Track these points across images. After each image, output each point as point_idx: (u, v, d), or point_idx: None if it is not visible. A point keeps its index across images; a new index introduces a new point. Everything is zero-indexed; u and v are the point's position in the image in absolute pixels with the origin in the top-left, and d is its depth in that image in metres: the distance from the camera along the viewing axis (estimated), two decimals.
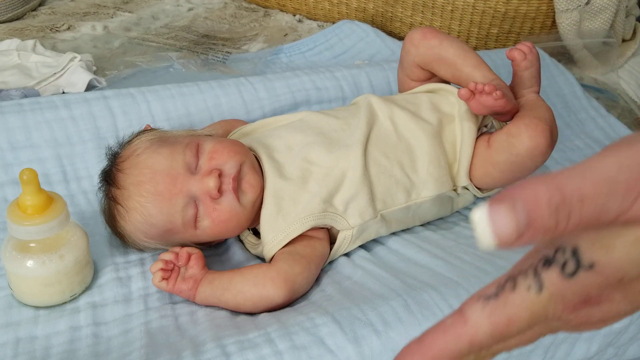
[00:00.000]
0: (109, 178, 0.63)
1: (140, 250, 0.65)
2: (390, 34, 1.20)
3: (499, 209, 0.22)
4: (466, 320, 0.26)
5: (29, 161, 0.72)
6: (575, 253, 0.24)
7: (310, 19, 1.31)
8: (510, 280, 0.26)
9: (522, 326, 0.25)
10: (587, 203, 0.23)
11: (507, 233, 0.22)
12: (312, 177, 0.64)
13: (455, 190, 0.70)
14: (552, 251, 0.25)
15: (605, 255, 0.24)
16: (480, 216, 0.23)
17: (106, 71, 1.02)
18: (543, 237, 0.23)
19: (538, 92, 0.72)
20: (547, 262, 0.25)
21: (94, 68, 1.00)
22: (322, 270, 0.64)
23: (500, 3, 1.10)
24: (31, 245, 0.56)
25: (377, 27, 1.19)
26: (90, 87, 0.93)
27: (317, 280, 0.63)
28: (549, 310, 0.25)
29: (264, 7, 1.36)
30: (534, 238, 0.23)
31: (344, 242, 0.64)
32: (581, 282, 0.24)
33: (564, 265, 0.25)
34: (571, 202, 0.23)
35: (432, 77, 0.76)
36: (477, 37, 1.16)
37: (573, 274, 0.24)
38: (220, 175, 0.61)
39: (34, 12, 1.26)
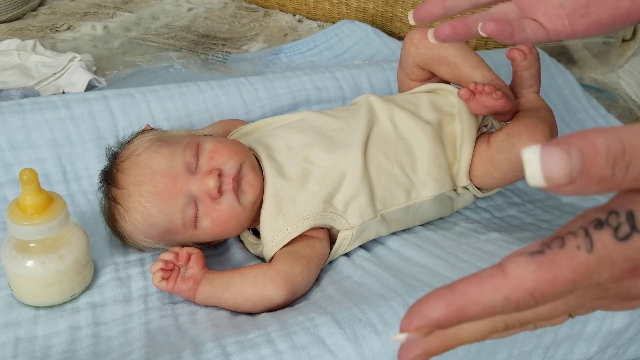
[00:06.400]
0: (109, 178, 0.63)
1: (140, 250, 0.65)
2: (390, 34, 1.20)
3: (553, 151, 0.21)
4: (506, 274, 0.24)
5: (29, 161, 0.72)
6: (630, 217, 0.24)
7: (310, 19, 1.31)
8: (558, 239, 0.24)
9: (565, 288, 0.24)
10: None
11: (558, 176, 0.21)
12: (312, 177, 0.64)
13: (455, 190, 0.70)
14: (604, 214, 0.24)
15: None
16: (531, 155, 0.21)
17: (106, 71, 1.02)
18: (597, 187, 0.22)
19: (538, 92, 0.72)
20: (599, 225, 0.24)
21: (94, 68, 1.00)
22: (322, 270, 0.64)
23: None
24: (31, 245, 0.56)
25: (377, 27, 1.19)
26: (90, 87, 0.93)
27: (317, 280, 0.63)
28: (595, 275, 0.24)
29: (264, 7, 1.36)
30: (588, 186, 0.22)
31: (343, 242, 0.64)
32: (633, 247, 0.23)
33: (617, 229, 0.24)
34: (632, 154, 0.22)
35: (432, 77, 0.76)
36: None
37: (626, 237, 0.23)
38: (220, 175, 0.61)
39: (34, 12, 1.26)
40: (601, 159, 0.22)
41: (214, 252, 0.68)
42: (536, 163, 0.21)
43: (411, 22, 0.51)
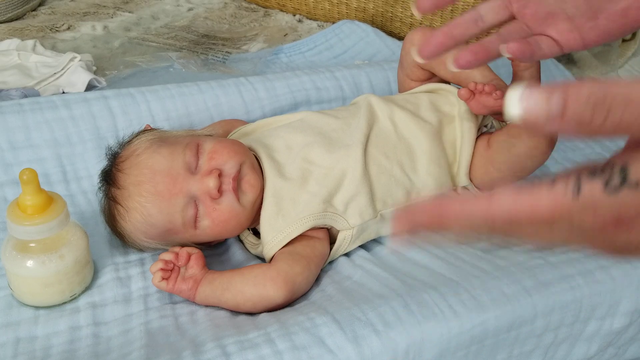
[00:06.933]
0: (109, 178, 0.63)
1: (140, 250, 0.65)
2: (390, 34, 1.20)
3: (535, 90, 0.23)
4: (491, 196, 0.26)
5: (29, 161, 0.72)
6: (623, 170, 0.25)
7: (310, 19, 1.31)
8: (550, 180, 0.26)
9: (542, 218, 0.25)
10: (632, 106, 0.23)
11: (536, 111, 0.22)
12: (312, 177, 0.64)
13: (455, 190, 0.70)
14: (600, 166, 0.25)
15: None
16: (514, 92, 0.23)
17: (106, 71, 1.02)
18: (577, 129, 0.23)
19: None
20: (593, 173, 0.25)
21: (94, 68, 1.00)
22: (322, 270, 0.64)
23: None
24: (31, 245, 0.56)
25: (377, 27, 1.19)
26: (90, 87, 0.93)
27: (317, 280, 0.63)
28: (576, 216, 0.25)
29: (264, 7, 1.36)
30: (567, 127, 0.23)
31: (343, 242, 0.64)
32: (621, 199, 0.24)
33: (608, 179, 0.25)
34: (613, 101, 0.23)
35: (432, 77, 0.76)
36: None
37: (616, 189, 0.24)
38: (220, 175, 0.61)
39: (34, 12, 1.26)
40: (581, 102, 0.23)
41: (214, 252, 0.68)
42: (516, 97, 0.23)
43: (418, 60, 0.50)
